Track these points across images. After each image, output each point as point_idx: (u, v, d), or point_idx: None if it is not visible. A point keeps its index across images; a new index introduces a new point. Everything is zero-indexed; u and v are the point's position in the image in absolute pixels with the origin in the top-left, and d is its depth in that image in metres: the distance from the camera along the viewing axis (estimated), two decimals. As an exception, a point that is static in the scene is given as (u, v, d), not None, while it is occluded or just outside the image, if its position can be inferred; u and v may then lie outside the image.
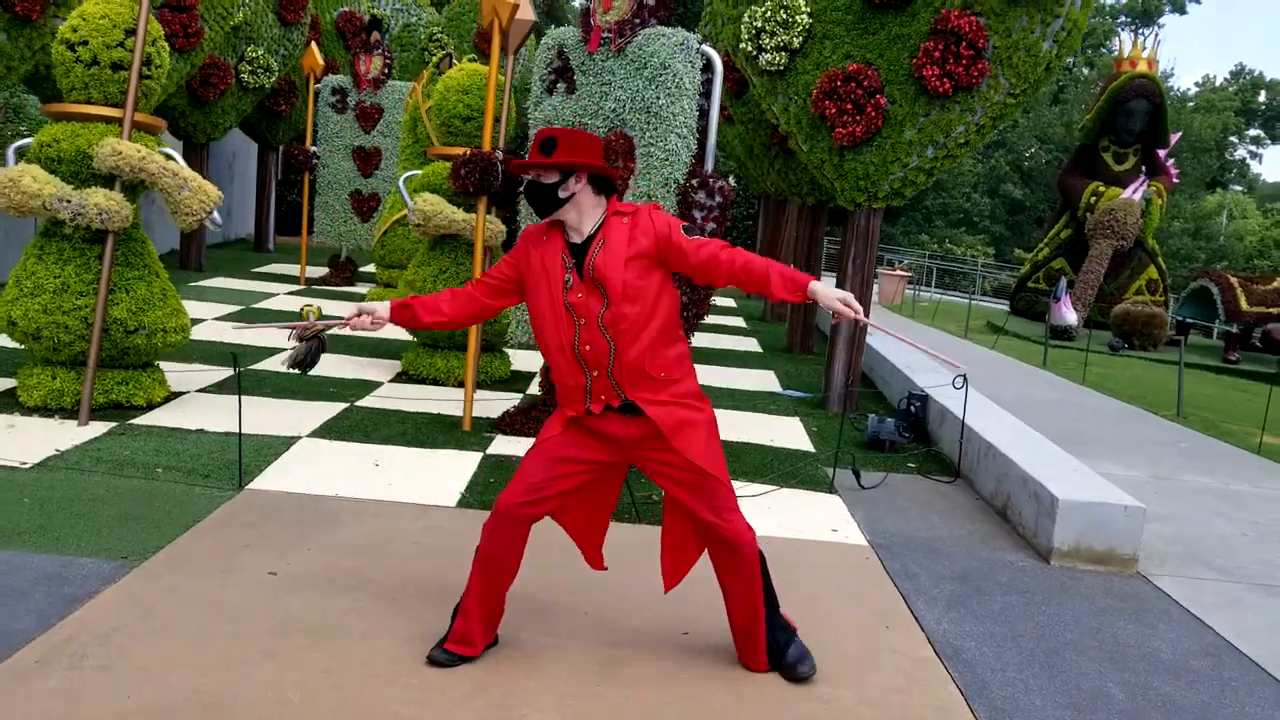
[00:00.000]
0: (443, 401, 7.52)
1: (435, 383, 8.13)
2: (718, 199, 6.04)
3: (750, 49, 8.12)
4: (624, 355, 3.35)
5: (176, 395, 6.95)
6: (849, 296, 3.31)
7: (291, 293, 12.43)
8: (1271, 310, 19.04)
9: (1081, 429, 9.31)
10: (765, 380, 9.75)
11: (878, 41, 7.73)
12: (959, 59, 7.35)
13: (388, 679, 3.42)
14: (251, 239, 17.62)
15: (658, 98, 6.03)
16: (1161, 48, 21.72)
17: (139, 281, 6.39)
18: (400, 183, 8.41)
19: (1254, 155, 76.79)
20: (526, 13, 6.77)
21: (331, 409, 7.01)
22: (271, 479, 5.49)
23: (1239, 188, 72.13)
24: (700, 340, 11.54)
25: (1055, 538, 5.33)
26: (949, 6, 7.40)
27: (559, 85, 6.50)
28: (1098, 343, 18.41)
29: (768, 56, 8.05)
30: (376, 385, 7.91)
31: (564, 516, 3.73)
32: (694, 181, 6.01)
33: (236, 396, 5.96)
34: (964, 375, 6.86)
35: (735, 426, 7.59)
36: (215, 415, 6.55)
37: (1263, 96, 75.24)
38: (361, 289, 13.27)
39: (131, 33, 6.22)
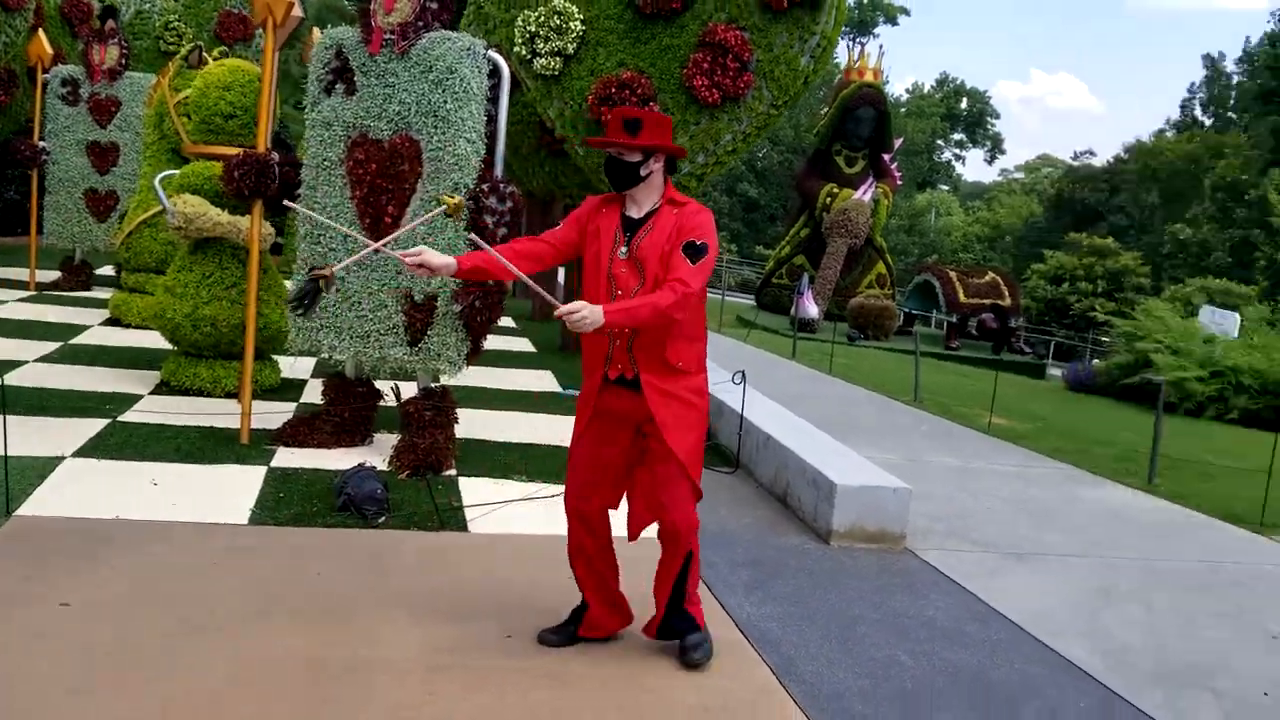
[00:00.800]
0: (214, 414, 7.15)
1: (200, 393, 7.72)
2: (509, 204, 6.10)
3: (524, 53, 8.22)
4: (645, 335, 3.59)
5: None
6: (570, 311, 3.39)
7: (22, 299, 11.43)
8: (985, 301, 20.99)
9: (836, 416, 9.95)
10: (543, 380, 9.86)
11: (649, 51, 8.00)
12: (726, 70, 7.73)
13: (228, 704, 3.30)
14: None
15: (445, 102, 6.01)
16: (884, 59, 23.51)
17: None
18: (155, 183, 7.93)
19: (958, 158, 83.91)
20: (297, 9, 6.58)
21: (93, 425, 6.55)
22: (41, 504, 5.09)
23: (945, 187, 78.66)
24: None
25: (834, 521, 5.75)
26: (715, 20, 7.76)
27: (337, 86, 6.34)
28: (837, 334, 19.68)
29: (542, 61, 8.18)
30: (137, 398, 7.44)
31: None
32: (485, 187, 6.04)
33: (10, 415, 5.48)
34: (742, 372, 7.22)
35: (519, 427, 7.66)
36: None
37: (964, 103, 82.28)
38: (99, 293, 12.36)
39: None
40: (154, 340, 9.64)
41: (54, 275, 12.55)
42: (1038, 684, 4.18)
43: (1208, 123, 60.15)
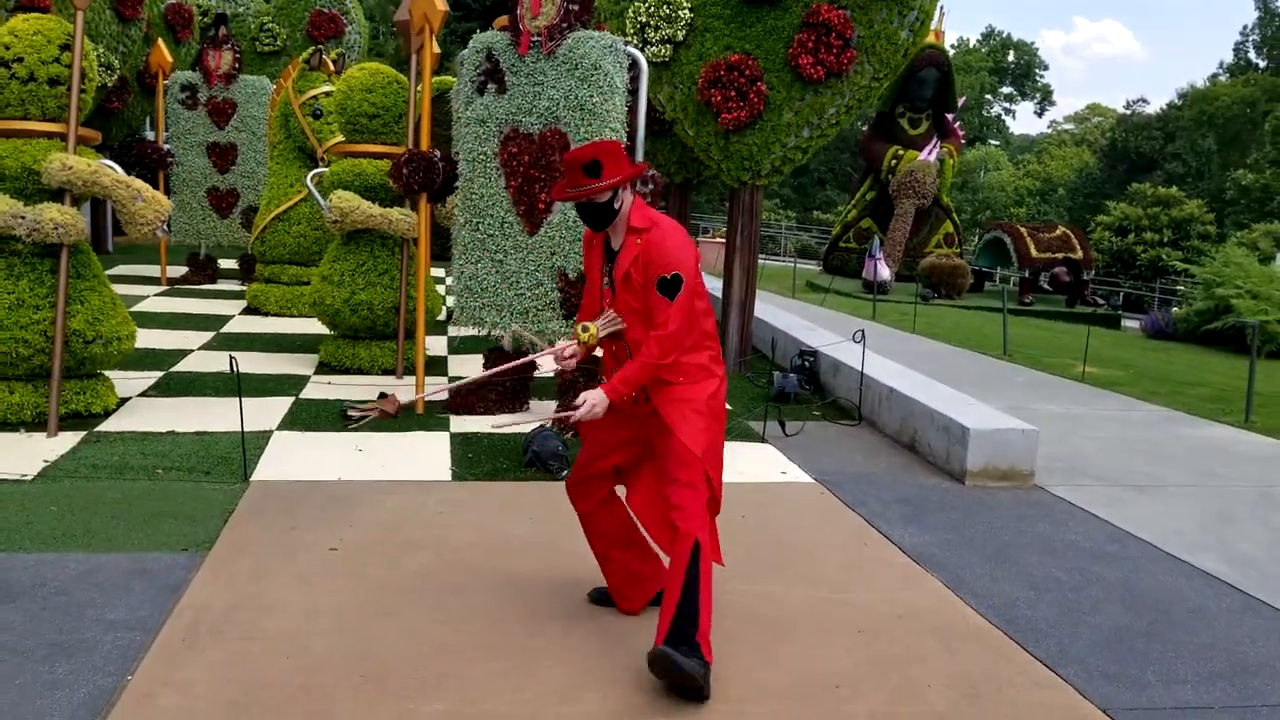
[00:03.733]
0: (380, 389, 7.85)
1: (360, 371, 8.43)
2: (650, 186, 6.68)
3: (635, 42, 8.75)
4: (635, 351, 3.63)
5: (125, 400, 7.05)
6: (581, 409, 3.56)
7: (159, 294, 12.25)
8: (1056, 256, 21.24)
9: (932, 371, 10.44)
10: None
11: (755, 34, 8.50)
12: (830, 48, 8.22)
13: (515, 625, 3.95)
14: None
15: (591, 96, 6.60)
16: (944, 19, 23.79)
17: (91, 292, 6.49)
18: (308, 181, 8.63)
19: (1008, 112, 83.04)
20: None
21: (282, 403, 7.27)
22: (270, 470, 5.80)
23: (995, 142, 77.95)
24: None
25: (969, 461, 6.30)
26: (818, 1, 8.24)
27: (489, 86, 6.95)
28: (907, 294, 20.07)
29: (653, 49, 8.71)
30: (305, 378, 8.16)
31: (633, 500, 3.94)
32: (630, 171, 6.62)
33: (232, 396, 6.19)
34: (862, 331, 7.77)
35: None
36: (174, 416, 6.73)
37: (1011, 56, 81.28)
38: (224, 286, 13.18)
39: (66, 48, 6.29)
40: (296, 326, 10.42)
41: (182, 270, 13.37)
42: (1181, 590, 4.72)
43: (1263, 65, 59.16)
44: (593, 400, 3.55)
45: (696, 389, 3.65)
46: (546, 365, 3.72)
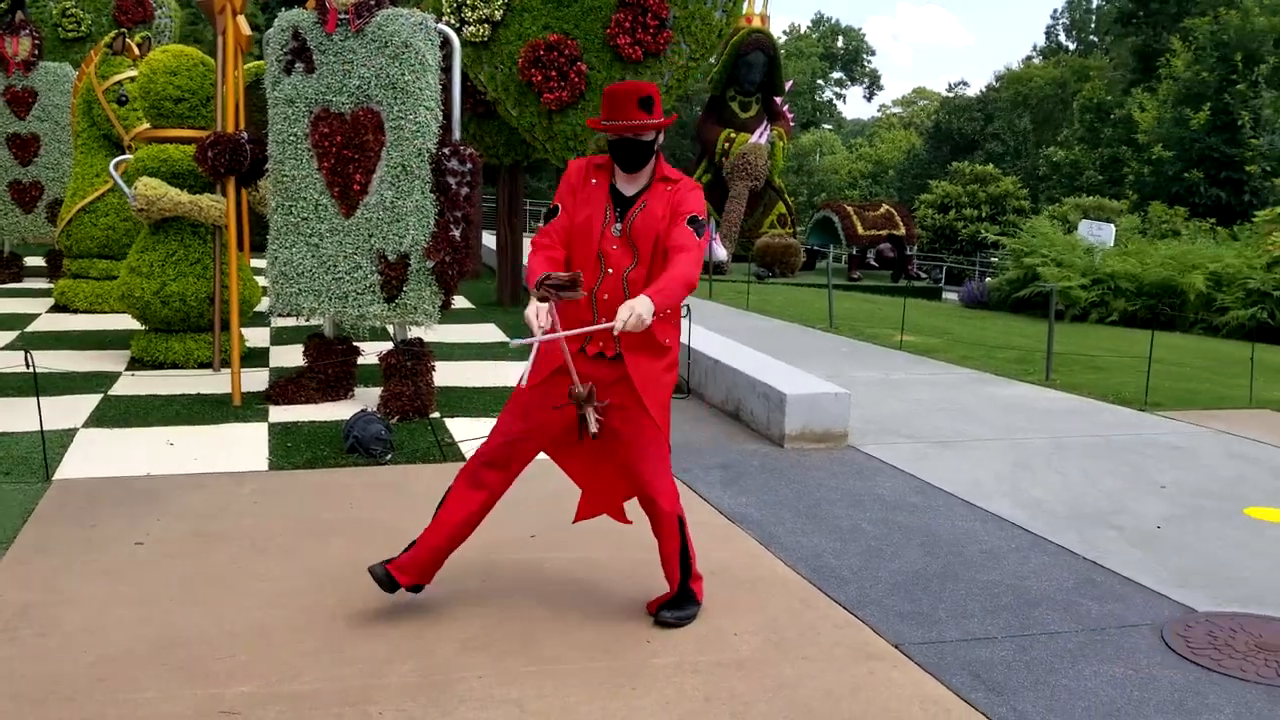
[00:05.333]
0: (195, 383, 7.61)
1: (175, 366, 8.13)
2: (469, 165, 6.66)
3: (453, 21, 8.70)
4: (636, 291, 3.45)
5: (-87, 405, 6.64)
6: (623, 320, 3.26)
7: (-44, 295, 11.53)
8: (881, 233, 22.07)
9: (761, 345, 10.72)
10: (489, 332, 10.44)
11: (573, 14, 8.57)
12: (646, 28, 8.35)
13: (326, 607, 3.92)
14: None
15: (403, 74, 6.53)
16: (769, 3, 24.36)
17: None
18: (112, 169, 8.26)
19: (839, 96, 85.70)
20: (245, -5, 7.01)
21: (89, 400, 6.96)
22: (74, 469, 5.56)
23: (828, 126, 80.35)
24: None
25: (786, 426, 6.53)
26: (633, -19, 8.36)
27: (297, 65, 6.79)
28: (743, 274, 20.54)
29: (471, 29, 8.68)
30: (116, 375, 7.83)
31: (573, 469, 3.90)
32: (445, 150, 6.59)
33: (34, 396, 5.90)
34: (688, 306, 7.91)
35: (483, 374, 8.26)
36: (-31, 419, 6.38)
37: (840, 42, 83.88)
38: (30, 284, 12.49)
39: None
40: (108, 322, 9.99)
41: (-16, 270, 12.60)
42: (976, 534, 5.02)
43: (1072, 47, 62.69)
44: (639, 309, 3.23)
45: (666, 359, 3.63)
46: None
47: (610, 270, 3.54)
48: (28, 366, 5.55)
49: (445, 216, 6.62)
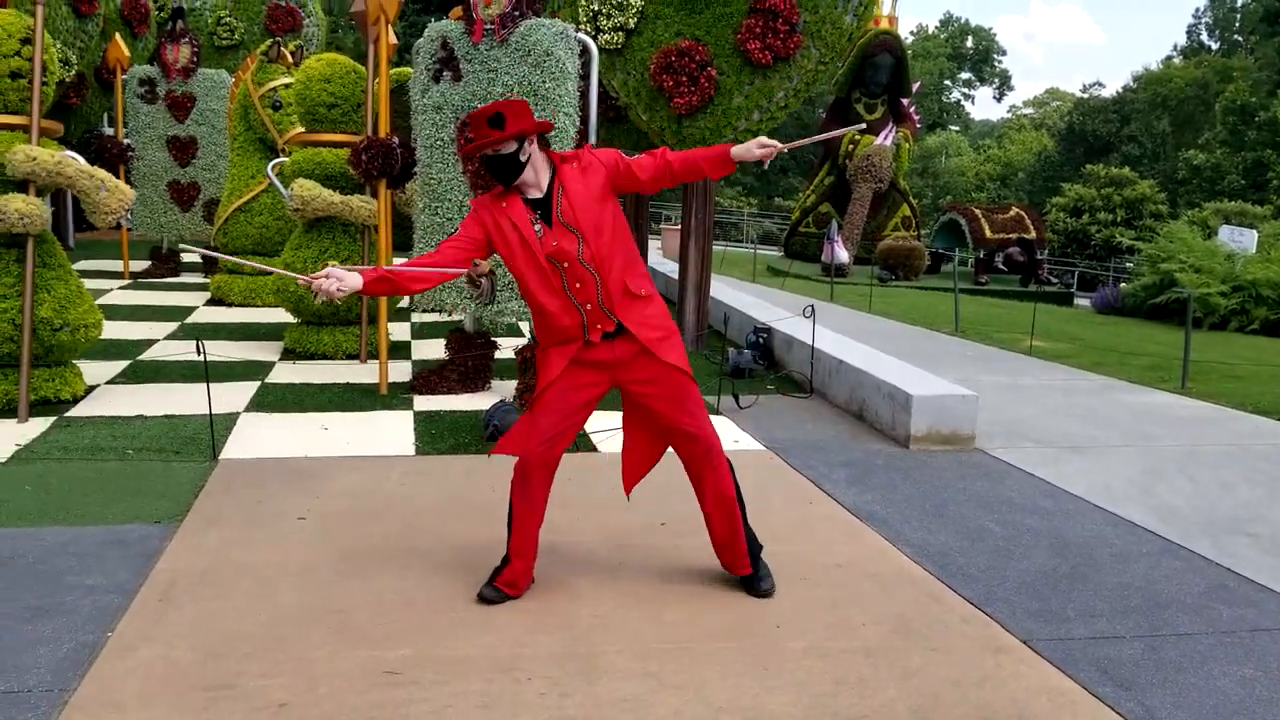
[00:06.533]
0: (345, 372, 8.05)
1: (324, 357, 8.60)
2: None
3: (589, 30, 8.96)
4: (608, 282, 3.73)
5: (93, 388, 7.20)
6: (762, 139, 3.75)
7: (122, 287, 12.33)
8: (1010, 236, 21.66)
9: (886, 348, 10.75)
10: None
11: (704, 20, 8.74)
12: (777, 33, 8.47)
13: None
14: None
15: (544, 82, 6.81)
16: (897, 4, 24.20)
17: (58, 281, 6.63)
18: (269, 170, 8.79)
19: (967, 97, 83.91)
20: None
21: (248, 387, 7.44)
22: (237, 449, 5.99)
23: (955, 128, 78.77)
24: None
25: (912, 427, 6.58)
26: (765, -13, 8.49)
27: (444, 74, 7.14)
28: (865, 277, 20.42)
29: (606, 36, 8.93)
30: (270, 365, 8.33)
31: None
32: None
33: (197, 383, 6.34)
34: (812, 306, 8.03)
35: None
36: (141, 401, 6.89)
37: (970, 42, 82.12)
38: (187, 279, 13.27)
39: (26, 41, 6.42)
40: (260, 315, 10.58)
41: (145, 265, 13.44)
42: (1106, 537, 5.02)
43: (1214, 47, 60.19)
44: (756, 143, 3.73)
45: (655, 306, 3.89)
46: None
47: (566, 264, 3.71)
48: (198, 354, 5.98)
49: (581, 217, 6.86)
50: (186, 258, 13.87)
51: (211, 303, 11.31)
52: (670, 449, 4.10)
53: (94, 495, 5.09)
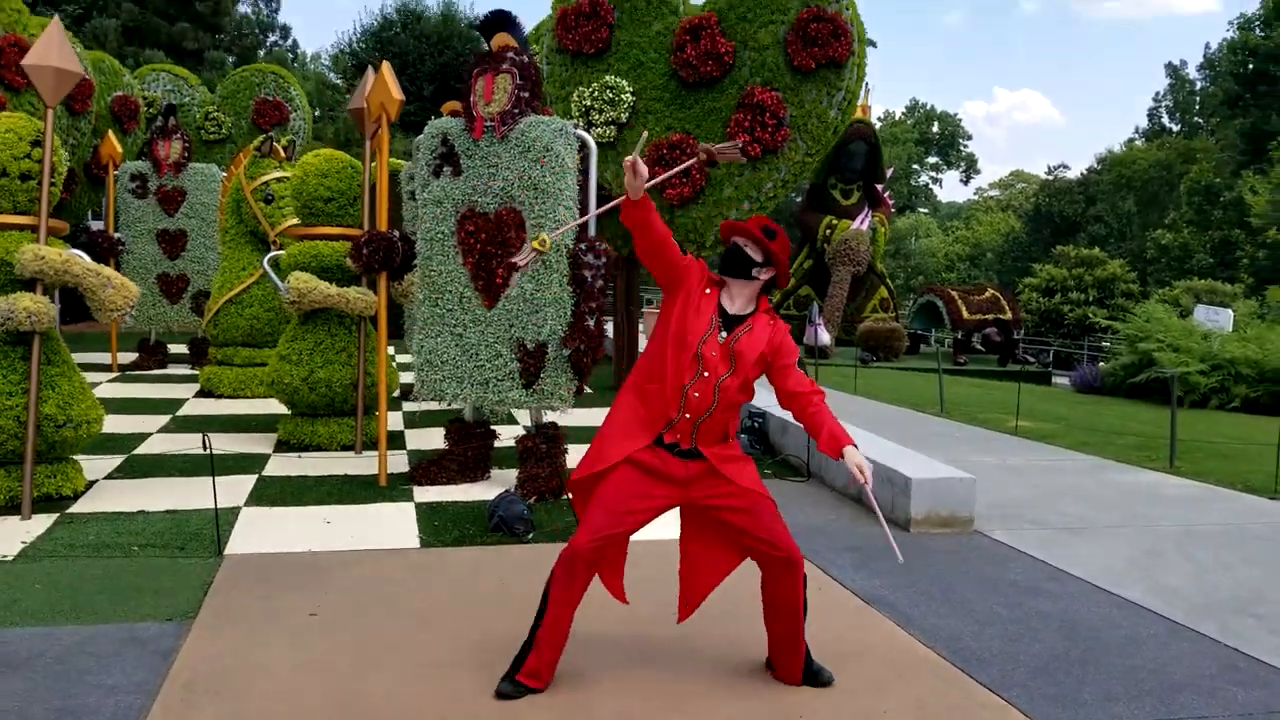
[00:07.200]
0: (342, 464, 8.06)
1: (319, 449, 8.60)
2: (603, 259, 7.04)
3: (581, 124, 9.19)
4: (717, 414, 3.91)
5: (93, 483, 7.18)
6: (864, 464, 3.87)
7: (111, 379, 12.32)
8: (987, 317, 22.00)
9: (875, 429, 10.85)
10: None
11: (694, 114, 9.00)
12: (765, 127, 8.73)
13: (495, 677, 4.18)
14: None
15: (544, 176, 6.97)
16: (869, 94, 24.89)
17: (61, 378, 6.65)
18: (265, 263, 8.88)
19: (935, 180, 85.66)
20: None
21: (246, 480, 7.43)
22: (242, 544, 5.97)
23: (924, 210, 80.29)
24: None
25: (912, 510, 6.65)
26: (752, 83, 8.76)
27: (445, 169, 7.30)
28: (847, 358, 20.64)
29: (598, 130, 9.16)
30: (266, 457, 8.32)
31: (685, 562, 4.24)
32: (582, 245, 6.99)
33: (194, 477, 6.34)
34: (807, 391, 8.12)
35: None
36: (142, 496, 6.87)
37: (936, 127, 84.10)
38: (174, 370, 13.27)
39: (36, 144, 6.54)
40: (252, 406, 10.58)
41: (133, 356, 13.44)
42: (1113, 619, 5.08)
43: (1176, 129, 61.91)
44: (862, 460, 3.87)
45: (733, 447, 4.07)
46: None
47: (706, 374, 3.87)
48: (203, 448, 6.00)
49: (581, 307, 6.99)
50: (173, 348, 13.88)
51: (201, 394, 11.30)
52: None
53: (104, 593, 5.06)
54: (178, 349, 14.28)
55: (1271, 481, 8.44)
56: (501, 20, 7.22)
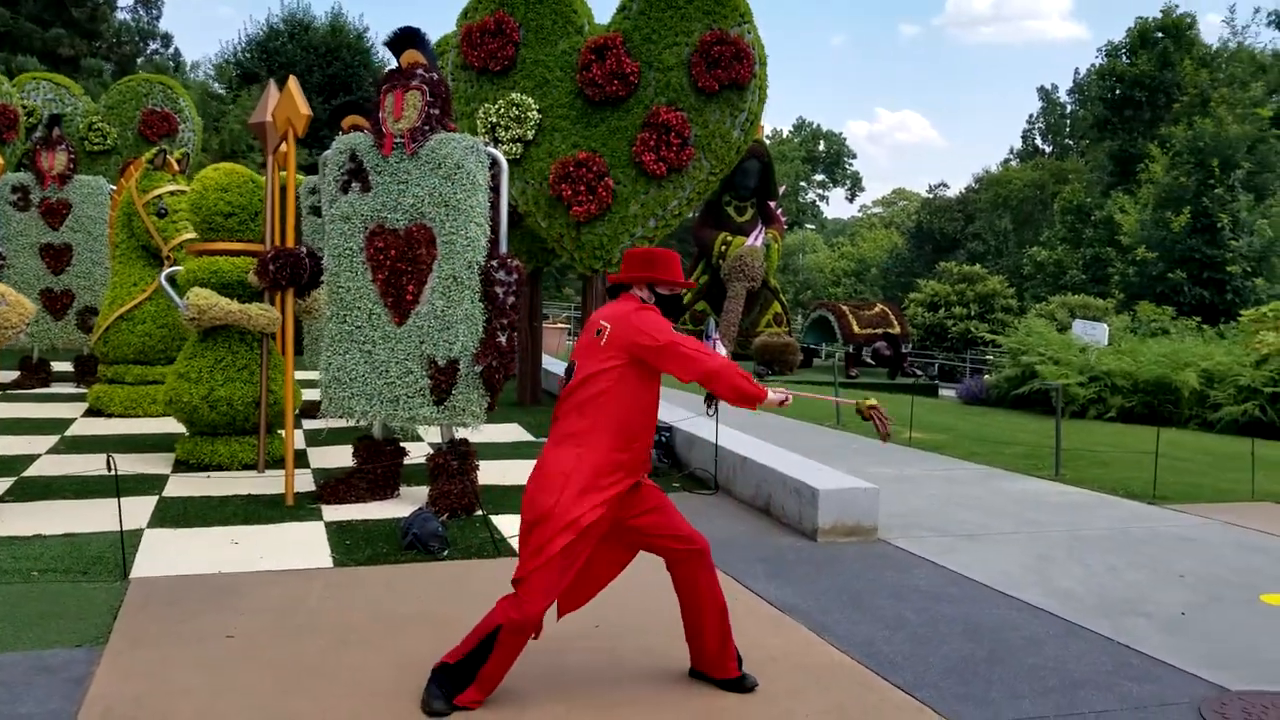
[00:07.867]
0: (245, 483, 7.89)
1: (220, 468, 8.41)
2: (515, 275, 7.08)
3: (487, 141, 9.20)
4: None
5: (-22, 509, 6.91)
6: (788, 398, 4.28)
7: (-10, 400, 11.83)
8: (877, 332, 22.61)
9: (776, 441, 11.07)
10: (515, 432, 10.77)
11: (600, 133, 9.11)
12: (670, 146, 8.89)
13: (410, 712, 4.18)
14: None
15: (455, 193, 6.98)
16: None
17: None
18: (162, 279, 8.66)
19: (821, 198, 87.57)
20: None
21: (147, 502, 7.22)
22: (149, 566, 5.82)
23: (811, 226, 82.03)
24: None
25: (819, 520, 6.84)
26: (657, 103, 8.91)
27: (353, 184, 7.24)
28: (744, 373, 20.92)
29: (504, 147, 9.20)
30: (165, 478, 8.10)
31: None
32: (494, 263, 7.01)
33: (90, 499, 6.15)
34: (716, 405, 8.26)
35: (516, 472, 8.55)
36: (36, 520, 6.62)
37: (822, 146, 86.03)
38: (59, 389, 12.80)
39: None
40: (144, 425, 10.28)
41: (13, 375, 12.91)
42: (1014, 621, 5.32)
43: (1048, 150, 64.51)
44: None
45: None
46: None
47: None
48: (108, 469, 5.84)
49: (493, 323, 7.01)
50: (56, 365, 13.38)
51: (90, 414, 10.92)
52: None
53: (7, 620, 4.89)
54: (61, 367, 13.76)
55: (1150, 488, 8.90)
56: (411, 37, 7.22)
